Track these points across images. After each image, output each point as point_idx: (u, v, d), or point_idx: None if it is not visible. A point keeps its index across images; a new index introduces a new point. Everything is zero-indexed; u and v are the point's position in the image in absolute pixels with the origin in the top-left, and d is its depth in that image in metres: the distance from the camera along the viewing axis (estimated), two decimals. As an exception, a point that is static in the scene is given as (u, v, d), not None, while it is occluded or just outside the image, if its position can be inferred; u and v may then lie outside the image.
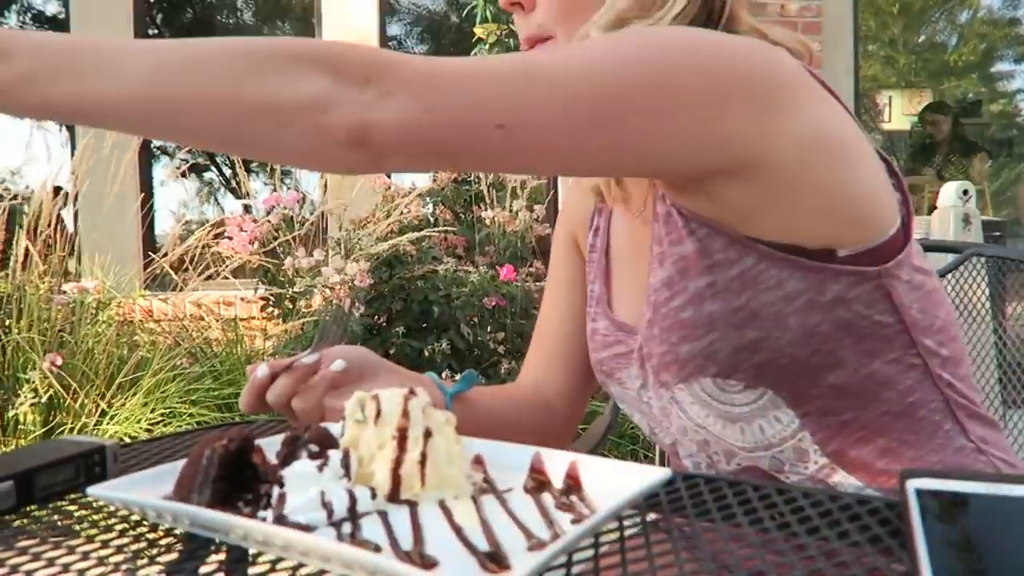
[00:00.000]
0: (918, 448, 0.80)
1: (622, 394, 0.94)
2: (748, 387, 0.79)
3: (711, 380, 0.80)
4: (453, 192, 4.35)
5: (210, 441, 0.61)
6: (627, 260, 0.95)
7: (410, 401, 0.61)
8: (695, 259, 0.78)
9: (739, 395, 0.80)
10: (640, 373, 0.88)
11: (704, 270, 0.77)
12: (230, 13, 6.09)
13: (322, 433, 0.63)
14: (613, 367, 0.92)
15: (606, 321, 0.94)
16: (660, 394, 0.86)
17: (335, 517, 0.56)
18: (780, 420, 0.81)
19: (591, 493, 0.58)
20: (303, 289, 3.49)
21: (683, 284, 0.79)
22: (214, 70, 0.63)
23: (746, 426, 0.82)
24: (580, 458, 0.59)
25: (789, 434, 0.81)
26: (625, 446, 3.41)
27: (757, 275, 0.76)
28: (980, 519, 0.50)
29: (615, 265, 0.97)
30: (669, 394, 0.85)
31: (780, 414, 0.80)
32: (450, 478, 0.60)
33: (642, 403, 0.91)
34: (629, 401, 0.94)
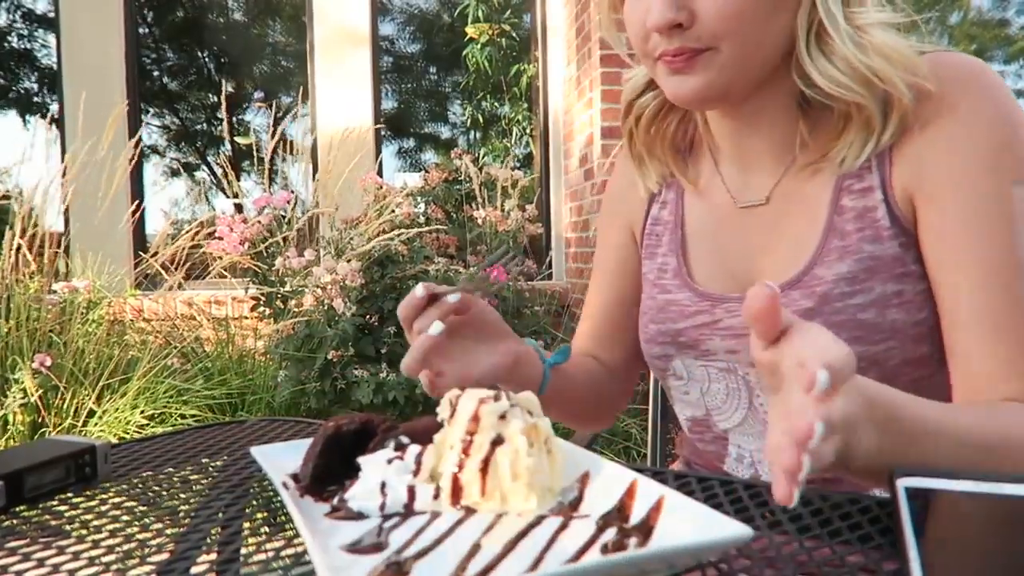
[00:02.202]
0: None
1: (690, 366, 0.97)
2: None
3: None
4: (444, 191, 4.35)
5: (336, 420, 0.66)
6: (710, 236, 0.98)
7: (484, 405, 0.60)
8: (890, 263, 0.82)
9: None
10: (736, 343, 0.91)
11: (896, 277, 0.81)
12: (220, 12, 6.06)
13: (427, 425, 0.65)
14: (697, 337, 0.95)
15: (688, 292, 0.97)
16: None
17: (388, 510, 0.57)
18: None
19: (663, 533, 0.52)
20: (294, 289, 3.49)
21: (869, 284, 0.82)
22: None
23: None
24: (670, 495, 0.55)
25: None
26: (618, 443, 3.41)
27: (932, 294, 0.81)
28: (970, 517, 0.51)
29: (693, 240, 1.00)
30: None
31: None
32: (513, 494, 0.58)
33: (730, 377, 0.94)
34: (697, 375, 0.97)
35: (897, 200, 0.82)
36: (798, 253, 0.88)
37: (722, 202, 0.97)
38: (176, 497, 0.70)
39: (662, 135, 1.02)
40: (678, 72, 0.83)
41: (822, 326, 0.54)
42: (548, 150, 5.40)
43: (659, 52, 0.83)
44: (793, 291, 0.86)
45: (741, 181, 0.96)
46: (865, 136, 0.82)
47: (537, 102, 5.49)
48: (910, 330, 0.81)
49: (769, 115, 0.90)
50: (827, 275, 0.84)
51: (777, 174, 0.92)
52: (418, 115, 6.35)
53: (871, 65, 0.79)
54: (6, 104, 5.95)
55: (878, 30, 0.81)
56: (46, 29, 5.77)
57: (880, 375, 0.81)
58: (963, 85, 0.80)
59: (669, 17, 0.79)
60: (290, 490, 0.62)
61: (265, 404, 3.40)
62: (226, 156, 4.16)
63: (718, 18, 0.79)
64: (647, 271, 1.05)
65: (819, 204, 0.87)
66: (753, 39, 0.81)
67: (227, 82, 4.51)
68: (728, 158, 0.98)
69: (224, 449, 0.86)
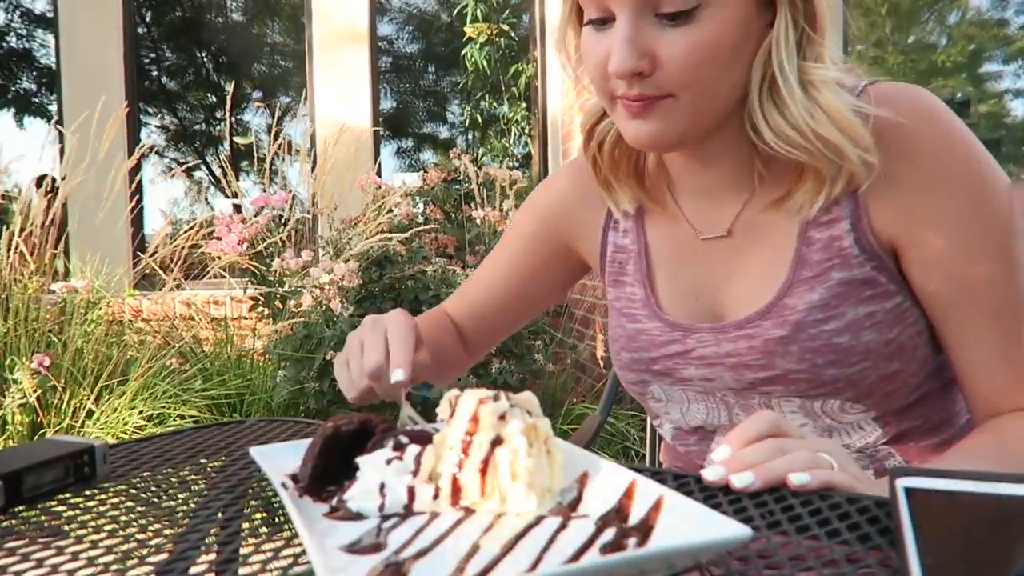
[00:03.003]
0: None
1: (668, 391, 0.98)
2: (866, 409, 0.87)
3: (840, 401, 0.86)
4: (443, 191, 4.35)
5: (334, 420, 0.66)
6: (675, 266, 0.98)
7: (484, 405, 0.60)
8: (860, 287, 0.84)
9: (850, 414, 0.88)
10: (711, 372, 0.93)
11: (866, 299, 0.84)
12: (219, 12, 6.06)
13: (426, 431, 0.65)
14: (671, 366, 0.96)
15: (658, 322, 0.97)
16: (747, 396, 0.92)
17: (387, 510, 0.57)
18: (863, 428, 0.89)
19: (662, 533, 0.53)
20: (292, 289, 3.49)
21: (840, 310, 0.84)
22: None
23: (836, 434, 0.90)
24: (669, 495, 0.56)
25: (874, 443, 0.90)
26: (616, 444, 3.41)
27: (905, 310, 0.84)
28: (969, 517, 0.51)
29: (658, 270, 1.00)
30: (764, 399, 0.90)
31: (867, 425, 0.89)
32: (512, 495, 0.58)
33: (708, 398, 0.95)
34: (676, 397, 0.98)
35: (874, 235, 0.83)
36: (766, 283, 0.89)
37: (684, 233, 0.97)
38: (175, 497, 0.70)
39: (626, 159, 0.99)
40: (636, 116, 0.83)
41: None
42: (547, 150, 5.40)
43: (619, 94, 0.83)
44: (764, 320, 0.87)
45: (701, 213, 0.95)
46: (818, 186, 0.83)
47: (536, 102, 5.50)
48: (883, 349, 0.84)
49: (724, 155, 0.90)
50: (798, 304, 0.85)
51: (736, 206, 0.92)
52: (417, 115, 6.36)
53: (819, 133, 0.79)
54: (5, 104, 5.95)
55: (828, 89, 0.80)
56: (45, 29, 5.77)
57: (856, 394, 0.85)
58: (925, 127, 0.81)
59: (630, 66, 0.78)
60: (289, 490, 0.62)
61: (264, 404, 3.40)
62: (225, 156, 4.16)
63: (681, 68, 0.78)
64: (613, 298, 1.04)
65: (785, 235, 0.88)
66: (711, 88, 0.80)
67: (226, 82, 4.51)
68: (686, 191, 0.97)
69: (223, 449, 0.86)
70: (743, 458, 0.65)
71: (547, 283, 1.16)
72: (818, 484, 0.62)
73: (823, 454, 0.65)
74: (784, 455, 0.65)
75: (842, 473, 0.64)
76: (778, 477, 0.63)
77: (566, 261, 1.13)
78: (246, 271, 3.65)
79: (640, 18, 0.78)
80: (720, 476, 0.64)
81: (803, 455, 0.65)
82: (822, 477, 0.63)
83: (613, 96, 0.84)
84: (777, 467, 0.63)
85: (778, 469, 0.63)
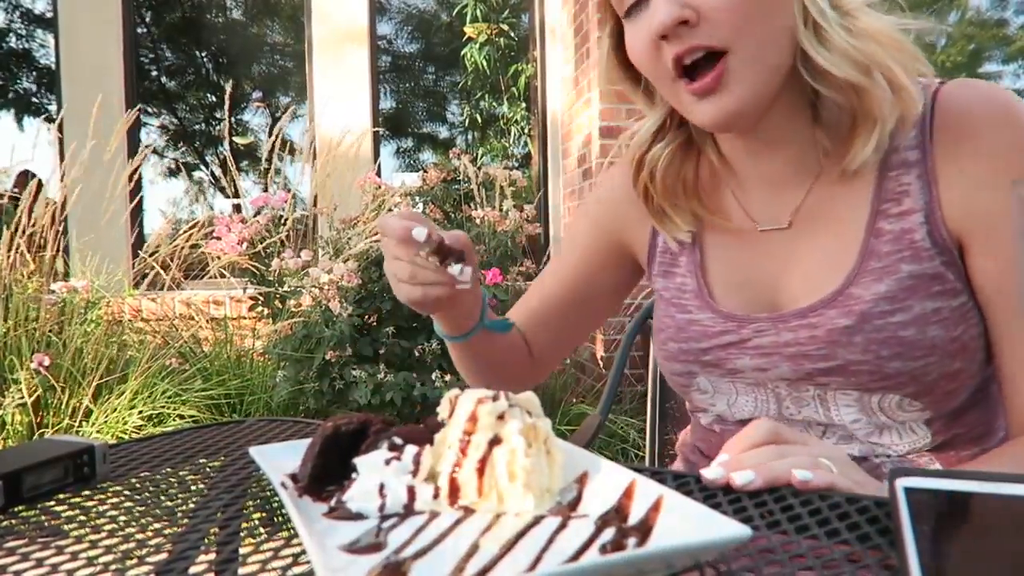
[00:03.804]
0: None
1: (716, 382, 0.98)
2: (923, 408, 0.87)
3: (899, 397, 0.86)
4: (443, 191, 4.35)
5: (334, 420, 0.66)
6: (731, 258, 0.99)
7: (482, 405, 0.60)
8: (929, 282, 0.84)
9: (907, 412, 0.87)
10: (767, 362, 0.92)
11: (935, 295, 0.83)
12: (219, 12, 6.06)
13: (419, 429, 0.65)
14: (722, 356, 0.96)
15: (710, 313, 0.97)
16: (800, 387, 0.91)
17: (387, 510, 0.57)
18: (915, 432, 0.89)
19: (661, 532, 0.52)
20: (292, 289, 3.49)
21: (908, 303, 0.84)
22: None
23: (887, 433, 0.90)
24: (669, 495, 0.56)
25: (918, 447, 0.90)
26: (616, 445, 3.41)
27: (968, 311, 0.84)
28: (968, 517, 0.51)
29: (712, 262, 1.00)
30: (819, 391, 0.90)
31: (918, 429, 0.89)
32: (510, 495, 0.58)
33: (758, 390, 0.95)
34: (724, 389, 0.98)
35: (946, 228, 0.84)
36: (830, 273, 0.89)
37: (741, 226, 0.97)
38: (174, 497, 0.70)
39: (683, 183, 0.99)
40: (703, 95, 0.83)
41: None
42: (546, 150, 5.40)
43: (672, 56, 0.83)
44: (828, 310, 0.87)
45: (762, 205, 0.96)
46: (871, 125, 0.83)
47: (535, 102, 5.50)
48: (948, 346, 0.83)
49: (786, 131, 0.90)
50: (865, 295, 0.85)
51: (799, 195, 0.92)
52: (416, 115, 6.35)
53: (863, 49, 0.80)
54: (5, 104, 5.95)
55: (864, 14, 0.82)
56: (45, 29, 5.77)
57: (917, 390, 0.85)
58: (1002, 124, 0.82)
59: (675, 14, 0.80)
60: (288, 490, 0.62)
61: (263, 404, 3.40)
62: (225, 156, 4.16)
63: (721, 9, 0.79)
64: (662, 289, 1.04)
65: (852, 226, 0.88)
66: (760, 32, 0.81)
67: (226, 82, 4.51)
68: (746, 183, 0.98)
69: (222, 449, 0.86)
70: (743, 460, 0.65)
71: (605, 286, 1.15)
72: (820, 483, 0.62)
73: (823, 459, 0.66)
74: (784, 458, 0.65)
75: (843, 477, 0.64)
76: (779, 476, 0.63)
77: (622, 262, 1.13)
78: (246, 271, 3.65)
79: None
80: (719, 475, 0.64)
81: (803, 459, 0.65)
82: (824, 477, 0.63)
83: (672, 77, 0.85)
84: (778, 466, 0.64)
85: (778, 468, 0.63)
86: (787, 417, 0.94)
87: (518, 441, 0.58)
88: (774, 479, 0.63)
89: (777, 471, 0.63)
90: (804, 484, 0.62)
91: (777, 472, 0.63)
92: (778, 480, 0.63)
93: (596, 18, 4.18)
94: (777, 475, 0.63)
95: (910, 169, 0.85)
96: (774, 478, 0.63)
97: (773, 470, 0.63)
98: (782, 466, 0.64)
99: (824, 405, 0.91)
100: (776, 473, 0.63)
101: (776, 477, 0.63)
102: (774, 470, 0.63)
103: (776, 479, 0.63)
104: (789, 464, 0.64)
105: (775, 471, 0.63)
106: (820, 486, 0.62)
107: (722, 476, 0.64)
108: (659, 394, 1.53)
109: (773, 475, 0.63)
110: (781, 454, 0.66)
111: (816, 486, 0.62)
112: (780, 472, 0.63)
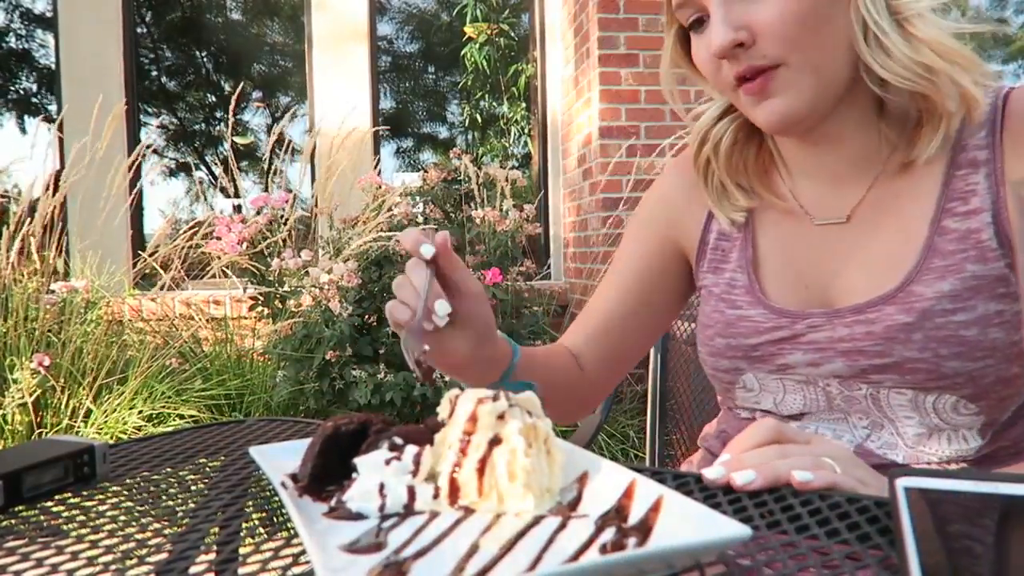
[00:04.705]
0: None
1: (764, 379, 0.97)
2: (978, 412, 0.85)
3: (955, 398, 0.85)
4: (443, 191, 4.34)
5: (334, 420, 0.66)
6: (785, 253, 0.98)
7: (482, 405, 0.60)
8: (994, 283, 0.83)
9: (962, 415, 0.86)
10: (820, 357, 0.91)
11: (998, 296, 0.83)
12: (219, 12, 6.06)
13: (419, 429, 0.65)
14: (773, 351, 0.95)
15: (762, 309, 0.97)
16: (852, 385, 0.90)
17: (387, 510, 0.57)
18: (967, 441, 0.88)
19: (661, 532, 0.52)
20: (292, 289, 3.49)
21: (972, 303, 0.83)
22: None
23: (937, 437, 0.88)
24: (669, 495, 0.56)
25: (963, 456, 0.88)
26: (616, 445, 3.41)
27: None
28: (968, 517, 0.51)
29: (765, 257, 1.00)
30: (872, 389, 0.89)
31: (969, 437, 0.88)
32: (510, 495, 0.58)
33: (808, 388, 0.94)
34: (771, 387, 0.97)
35: (1011, 228, 0.83)
36: (890, 270, 0.88)
37: (797, 220, 0.97)
38: (174, 497, 0.70)
39: (746, 161, 1.00)
40: (762, 97, 0.85)
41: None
42: (546, 150, 5.40)
43: (733, 76, 0.85)
44: (887, 306, 0.87)
45: (818, 198, 0.96)
46: (936, 123, 0.84)
47: (535, 102, 5.50)
48: (1008, 349, 0.83)
49: (851, 127, 0.90)
50: (927, 292, 0.85)
51: (861, 190, 0.92)
52: (416, 115, 6.35)
53: (922, 62, 0.80)
54: (5, 104, 5.95)
55: (921, 21, 0.82)
56: (44, 29, 5.76)
57: (974, 392, 0.83)
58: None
59: (730, 38, 0.82)
60: (288, 490, 0.62)
61: (263, 404, 3.40)
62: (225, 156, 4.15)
63: (778, 30, 0.81)
64: (711, 284, 1.04)
65: (913, 223, 0.88)
66: (815, 46, 0.82)
67: (226, 82, 4.50)
68: (803, 175, 0.97)
69: (222, 449, 0.86)
70: (744, 460, 0.65)
71: (666, 291, 1.12)
72: (821, 483, 0.62)
73: (826, 459, 0.66)
74: (787, 458, 0.65)
75: (845, 476, 0.64)
76: (780, 476, 0.63)
77: (678, 265, 1.11)
78: (246, 271, 3.65)
79: (729, 0, 0.83)
80: (720, 475, 0.64)
81: (805, 459, 0.65)
82: (825, 477, 0.63)
83: (732, 86, 0.86)
84: (779, 466, 0.64)
85: (780, 468, 0.63)
86: (836, 416, 0.94)
87: (518, 441, 0.58)
88: (775, 479, 0.63)
89: (778, 471, 0.63)
90: (804, 485, 0.62)
91: (778, 472, 0.63)
92: (779, 480, 0.63)
93: (596, 18, 4.19)
94: (778, 475, 0.63)
95: (978, 169, 0.85)
96: (775, 478, 0.63)
97: (774, 470, 0.63)
98: (783, 466, 0.63)
99: (876, 404, 0.89)
100: (777, 473, 0.63)
101: (777, 477, 0.63)
102: (775, 470, 0.63)
103: (777, 479, 0.63)
104: (791, 464, 0.64)
105: (776, 471, 0.63)
106: (821, 486, 0.62)
107: (723, 476, 0.64)
108: (659, 394, 1.53)
109: (774, 475, 0.63)
110: (783, 454, 0.66)
111: (817, 487, 0.62)
112: (781, 472, 0.63)
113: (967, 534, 0.49)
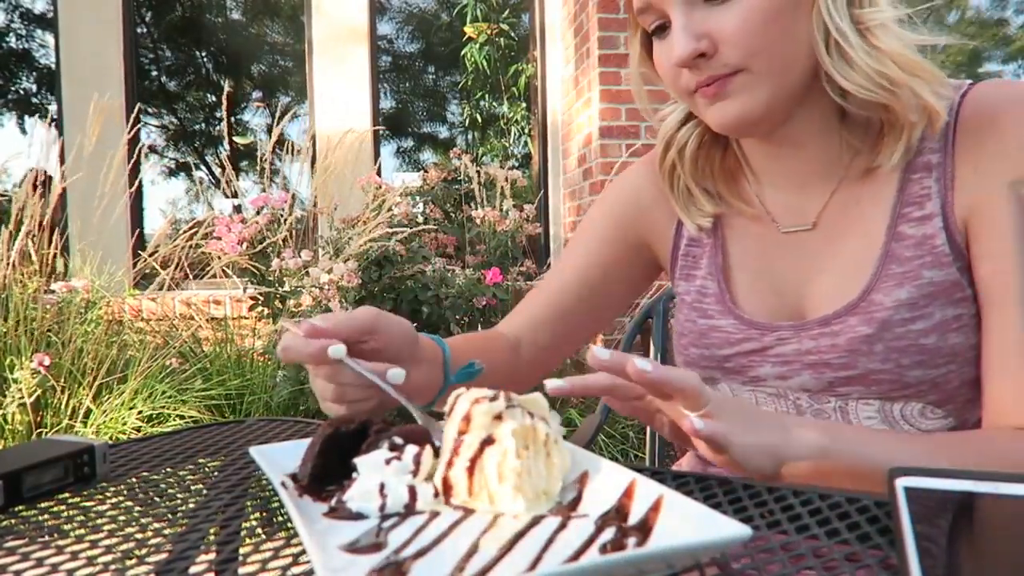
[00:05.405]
0: None
1: (737, 390, 0.97)
2: (946, 415, 0.85)
3: (922, 405, 0.85)
4: (443, 191, 4.34)
5: (334, 421, 0.67)
6: (754, 261, 0.98)
7: (477, 405, 0.60)
8: (949, 289, 0.83)
9: (930, 420, 0.86)
10: (788, 370, 0.91)
11: (955, 302, 0.82)
12: (219, 12, 6.06)
13: (419, 429, 0.66)
14: (744, 364, 0.95)
15: (732, 319, 0.96)
16: (821, 399, 0.90)
17: (388, 510, 0.58)
18: None
19: (661, 532, 0.52)
20: (292, 289, 3.48)
21: (928, 309, 0.83)
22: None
23: None
24: (669, 494, 0.56)
25: None
26: (616, 445, 3.41)
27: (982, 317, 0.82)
28: (969, 517, 0.51)
29: (736, 265, 0.99)
30: (840, 402, 0.89)
31: None
32: (499, 496, 0.58)
33: (780, 401, 0.94)
34: (744, 398, 0.97)
35: (957, 226, 0.83)
36: (852, 279, 0.88)
37: (764, 227, 0.97)
38: (174, 497, 0.70)
39: (711, 165, 1.00)
40: (716, 99, 0.84)
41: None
42: (547, 150, 5.40)
43: (693, 85, 0.84)
44: (850, 317, 0.86)
45: (784, 205, 0.95)
46: (898, 133, 0.84)
47: (536, 102, 5.50)
48: (968, 353, 0.82)
49: (812, 132, 0.90)
50: (886, 301, 0.84)
51: (824, 196, 0.92)
52: (417, 115, 6.35)
53: (884, 72, 0.80)
54: (5, 104, 5.95)
55: (884, 32, 0.81)
56: (44, 29, 5.76)
57: (939, 398, 0.84)
58: (1013, 113, 0.81)
59: (691, 48, 0.81)
60: (289, 490, 0.62)
61: (263, 404, 3.40)
62: (225, 156, 4.15)
63: (739, 39, 0.80)
64: (683, 292, 1.03)
65: (873, 229, 0.88)
66: (776, 53, 0.81)
67: (226, 82, 4.50)
68: (769, 182, 0.97)
69: (222, 449, 0.86)
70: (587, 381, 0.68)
71: (622, 281, 1.12)
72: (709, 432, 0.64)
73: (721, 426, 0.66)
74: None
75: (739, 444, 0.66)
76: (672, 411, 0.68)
77: (640, 257, 1.11)
78: (246, 271, 3.65)
79: (690, 7, 0.82)
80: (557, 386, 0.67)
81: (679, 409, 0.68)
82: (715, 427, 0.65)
83: (690, 92, 0.86)
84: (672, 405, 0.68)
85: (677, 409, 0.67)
86: None
87: (510, 443, 0.58)
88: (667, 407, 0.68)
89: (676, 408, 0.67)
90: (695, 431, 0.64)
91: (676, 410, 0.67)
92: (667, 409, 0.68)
93: (596, 18, 4.19)
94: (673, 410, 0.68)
95: (931, 172, 0.85)
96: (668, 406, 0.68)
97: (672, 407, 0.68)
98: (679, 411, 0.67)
99: (846, 418, 0.89)
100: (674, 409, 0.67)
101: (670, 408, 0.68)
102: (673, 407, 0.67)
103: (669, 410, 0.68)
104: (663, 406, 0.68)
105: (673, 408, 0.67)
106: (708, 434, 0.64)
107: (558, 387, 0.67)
108: (659, 394, 1.53)
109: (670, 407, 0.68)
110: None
111: (707, 435, 0.64)
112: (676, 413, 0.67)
113: (967, 534, 0.49)
